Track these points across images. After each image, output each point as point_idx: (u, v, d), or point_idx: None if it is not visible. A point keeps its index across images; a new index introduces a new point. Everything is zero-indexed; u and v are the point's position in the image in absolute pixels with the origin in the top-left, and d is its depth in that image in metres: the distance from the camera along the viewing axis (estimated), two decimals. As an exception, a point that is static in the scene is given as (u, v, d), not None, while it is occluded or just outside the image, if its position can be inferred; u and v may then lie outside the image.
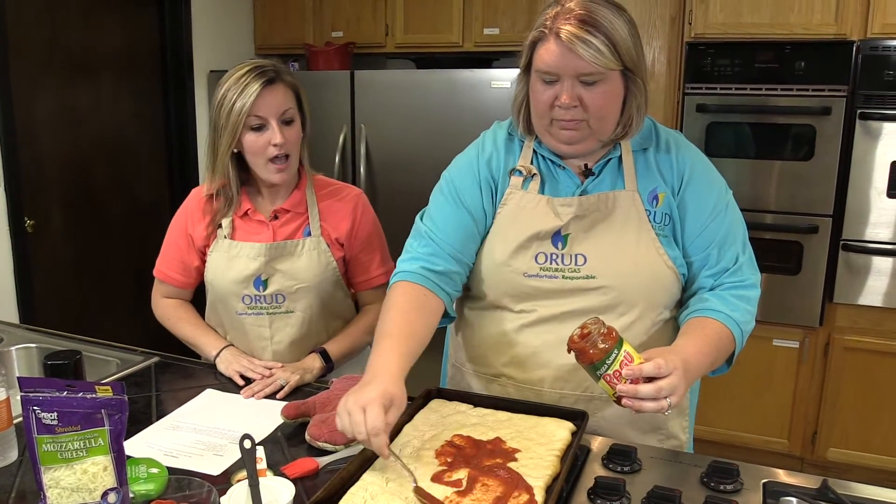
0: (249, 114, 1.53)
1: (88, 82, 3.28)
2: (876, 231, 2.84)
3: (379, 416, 1.08)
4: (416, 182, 3.28)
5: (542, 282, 1.37)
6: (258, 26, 3.98)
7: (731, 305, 1.34)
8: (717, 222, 1.37)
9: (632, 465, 1.21)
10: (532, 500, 1.03)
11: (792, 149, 2.89)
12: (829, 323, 2.98)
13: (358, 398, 1.11)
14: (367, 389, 1.13)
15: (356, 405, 1.10)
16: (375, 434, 1.08)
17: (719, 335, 1.31)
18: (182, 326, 1.72)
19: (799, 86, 2.83)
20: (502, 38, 3.49)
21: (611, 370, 1.14)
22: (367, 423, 1.08)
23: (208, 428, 1.40)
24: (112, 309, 3.49)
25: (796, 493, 1.12)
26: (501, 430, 1.24)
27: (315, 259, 1.63)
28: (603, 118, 1.31)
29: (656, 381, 1.13)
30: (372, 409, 1.09)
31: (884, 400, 2.93)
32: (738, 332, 1.34)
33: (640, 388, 1.12)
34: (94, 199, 3.36)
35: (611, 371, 1.14)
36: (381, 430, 1.08)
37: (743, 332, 1.35)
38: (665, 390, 1.12)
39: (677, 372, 1.14)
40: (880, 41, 2.72)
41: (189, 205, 1.70)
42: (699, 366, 1.26)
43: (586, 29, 1.23)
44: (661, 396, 1.12)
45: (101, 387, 1.04)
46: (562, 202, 1.37)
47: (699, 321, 1.34)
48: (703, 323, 1.33)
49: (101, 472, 1.05)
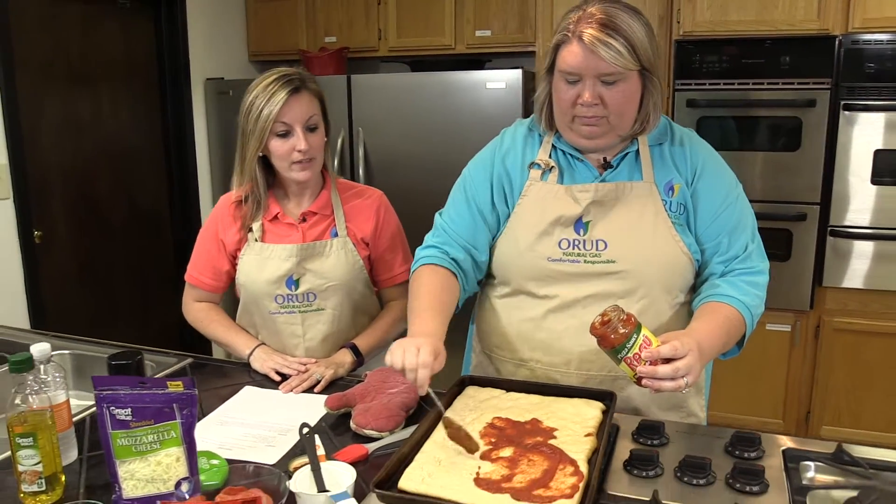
0: (276, 120, 1.61)
1: (89, 92, 3.32)
2: (861, 216, 2.97)
3: (429, 355, 1.24)
4: (415, 183, 3.37)
5: (564, 266, 1.46)
6: (251, 33, 4.03)
7: (742, 290, 1.44)
8: (728, 212, 1.46)
9: (660, 438, 1.30)
10: (577, 471, 1.12)
11: (779, 140, 3.01)
12: (818, 306, 3.11)
13: (411, 341, 1.27)
14: (418, 339, 1.28)
15: (411, 344, 1.26)
16: (424, 366, 1.23)
17: (730, 318, 1.41)
18: (215, 328, 1.79)
19: (784, 80, 2.95)
20: (494, 39, 3.58)
21: (631, 353, 1.22)
22: (419, 357, 1.23)
23: (255, 422, 1.47)
24: (118, 314, 3.54)
25: (815, 458, 1.22)
26: (536, 412, 1.33)
27: (343, 258, 1.71)
28: (622, 115, 1.40)
29: (673, 363, 1.21)
30: (425, 348, 1.25)
31: (872, 378, 3.06)
32: (748, 316, 1.43)
33: (659, 369, 1.21)
34: (98, 208, 3.41)
35: (631, 354, 1.23)
36: (428, 364, 1.23)
37: (753, 316, 1.45)
38: (682, 370, 1.21)
39: (693, 353, 1.23)
40: (861, 35, 2.84)
41: (219, 211, 1.77)
42: (712, 347, 1.35)
43: (607, 32, 1.32)
44: (679, 376, 1.21)
45: (173, 382, 1.12)
46: (580, 188, 1.46)
47: (712, 306, 1.43)
48: (716, 307, 1.42)
49: (174, 462, 1.13)
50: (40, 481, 1.17)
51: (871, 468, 1.19)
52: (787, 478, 1.18)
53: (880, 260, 2.98)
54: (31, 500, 1.18)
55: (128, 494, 1.13)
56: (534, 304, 1.51)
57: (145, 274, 3.71)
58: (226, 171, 3.85)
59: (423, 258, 1.54)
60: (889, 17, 2.82)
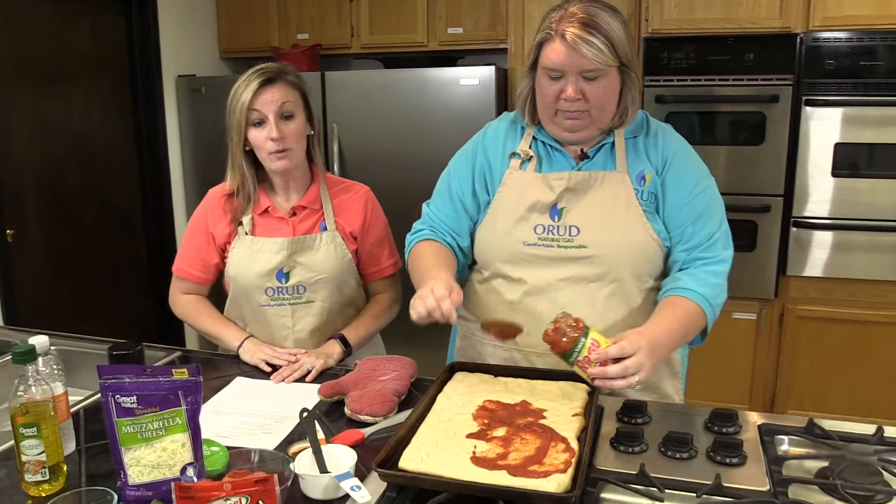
0: (249, 108, 1.64)
1: (60, 90, 3.29)
2: (822, 207, 3.09)
3: (444, 289, 1.33)
4: (390, 179, 3.40)
5: (539, 250, 1.53)
6: (223, 30, 4.02)
7: (701, 281, 1.49)
8: (695, 202, 1.52)
9: (643, 417, 1.37)
10: (569, 447, 1.18)
11: (744, 134, 3.11)
12: (783, 295, 3.23)
13: (422, 289, 1.36)
14: (428, 282, 1.37)
15: (424, 291, 1.35)
16: (443, 299, 1.32)
17: (689, 311, 1.46)
18: (203, 320, 1.81)
19: (749, 76, 3.06)
20: (466, 36, 3.62)
21: (581, 356, 1.29)
22: (434, 294, 1.32)
23: (249, 411, 1.50)
24: (92, 312, 3.52)
25: (788, 431, 1.30)
26: (525, 395, 1.39)
27: (332, 252, 1.75)
28: (603, 108, 1.47)
29: (622, 361, 1.27)
30: (437, 285, 1.34)
31: (834, 363, 3.19)
32: (707, 307, 1.48)
33: (608, 369, 1.28)
34: (70, 207, 3.38)
35: (581, 357, 1.29)
36: (446, 297, 1.32)
37: (713, 306, 1.50)
38: (631, 368, 1.27)
39: (642, 350, 1.29)
40: (821, 33, 2.96)
41: (208, 204, 1.79)
42: (668, 342, 1.40)
43: (588, 31, 1.39)
44: (629, 374, 1.27)
45: (178, 370, 1.15)
46: (555, 176, 1.54)
47: (671, 300, 1.49)
48: (674, 301, 1.48)
49: (180, 448, 1.16)
50: (44, 471, 1.19)
51: (840, 440, 1.27)
52: (764, 450, 1.25)
53: (840, 249, 3.10)
54: (34, 490, 1.20)
55: (133, 481, 1.15)
56: (510, 287, 1.58)
57: (119, 272, 3.69)
58: (199, 168, 3.84)
59: (418, 237, 1.62)
60: (847, 15, 2.94)
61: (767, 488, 1.13)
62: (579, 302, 1.52)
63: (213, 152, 3.76)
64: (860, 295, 3.13)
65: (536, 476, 1.10)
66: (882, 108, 2.94)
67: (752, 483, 1.14)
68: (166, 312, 3.82)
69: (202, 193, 1.83)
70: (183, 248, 1.83)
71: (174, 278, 1.85)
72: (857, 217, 3.06)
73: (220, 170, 1.78)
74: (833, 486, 1.12)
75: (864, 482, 1.13)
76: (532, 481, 1.08)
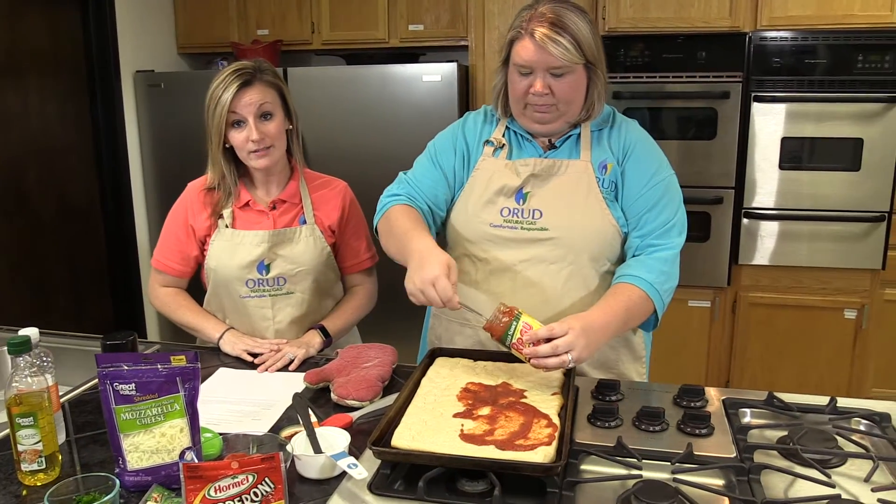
0: (229, 111, 1.68)
1: (15, 85, 3.24)
2: (770, 199, 3.24)
3: (447, 286, 1.34)
4: (353, 174, 3.36)
5: (504, 231, 1.61)
6: (180, 25, 3.99)
7: (647, 267, 1.56)
8: (651, 192, 1.60)
9: (617, 394, 1.45)
10: (551, 423, 1.25)
11: (697, 129, 3.24)
12: (735, 283, 3.37)
13: (424, 277, 1.36)
14: (428, 267, 1.37)
15: (426, 283, 1.35)
16: (448, 300, 1.35)
17: (630, 297, 1.53)
18: (183, 313, 1.83)
19: (701, 73, 3.19)
20: (426, 33, 3.67)
21: (514, 339, 1.37)
22: (439, 294, 1.34)
23: (236, 399, 1.54)
24: (51, 309, 3.47)
25: (750, 404, 1.39)
26: (505, 377, 1.45)
27: (311, 245, 1.79)
28: (570, 102, 1.55)
29: (553, 341, 1.34)
30: (440, 281, 1.34)
31: (783, 346, 3.36)
32: (652, 292, 1.55)
33: (539, 348, 1.35)
34: (27, 203, 3.33)
35: (515, 339, 1.37)
36: (451, 296, 1.35)
37: (659, 292, 1.56)
38: (562, 347, 1.34)
39: (573, 331, 1.35)
40: (768, 32, 3.11)
41: (188, 197, 1.81)
42: (607, 325, 1.45)
43: (556, 30, 1.46)
44: (561, 353, 1.34)
45: (176, 357, 1.18)
46: (522, 162, 1.62)
47: (617, 287, 1.56)
48: (619, 288, 1.55)
49: (178, 433, 1.19)
50: (40, 460, 1.21)
51: (798, 411, 1.37)
52: (729, 421, 1.34)
53: (786, 238, 3.26)
54: (29, 479, 1.22)
55: (132, 466, 1.18)
56: (477, 266, 1.65)
57: (78, 268, 3.64)
58: (158, 163, 3.80)
59: (392, 200, 1.65)
60: (792, 16, 3.09)
61: (734, 455, 1.22)
62: (540, 283, 1.60)
63: (172, 148, 3.74)
64: (806, 282, 3.30)
65: (523, 449, 1.17)
66: (822, 105, 3.11)
67: (721, 451, 1.24)
68: (128, 309, 3.82)
69: (163, 189, 1.86)
70: (162, 240, 1.84)
71: (153, 271, 1.86)
72: (801, 208, 3.22)
73: (179, 165, 1.81)
74: (793, 451, 1.21)
75: (821, 447, 1.23)
76: (520, 454, 1.15)
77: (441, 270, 1.35)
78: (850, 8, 3.04)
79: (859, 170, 3.13)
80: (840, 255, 3.23)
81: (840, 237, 3.21)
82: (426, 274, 1.36)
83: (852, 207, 3.18)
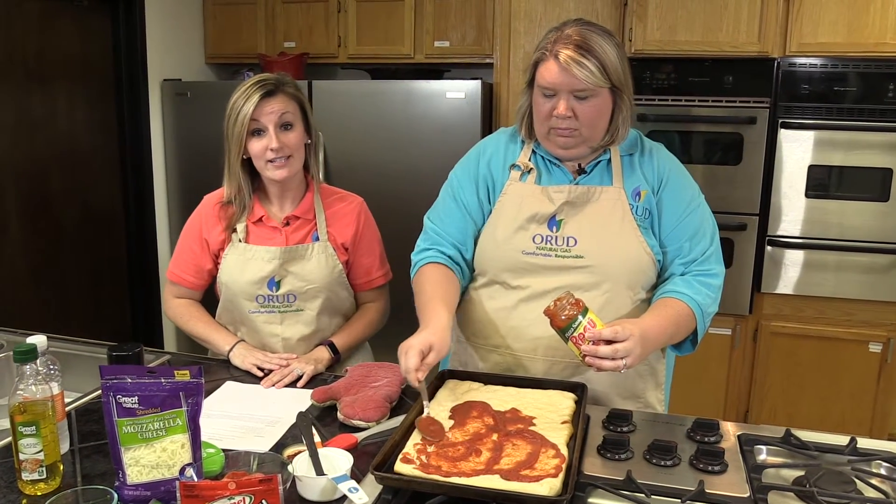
0: (250, 119, 1.67)
1: (44, 91, 3.28)
2: (796, 227, 3.18)
3: (413, 360, 1.35)
4: (374, 188, 3.41)
5: (537, 259, 1.58)
6: (208, 35, 4.03)
7: (694, 289, 1.57)
8: (690, 219, 1.60)
9: (629, 425, 1.41)
10: (559, 453, 1.22)
11: (722, 154, 3.20)
12: (757, 311, 3.31)
13: (405, 344, 1.39)
14: (413, 338, 1.40)
15: (403, 348, 1.38)
16: (407, 372, 1.36)
17: (679, 313, 1.54)
18: (195, 324, 1.83)
19: (727, 97, 3.14)
20: (452, 50, 3.68)
21: (576, 333, 1.36)
22: (403, 364, 1.36)
23: (241, 414, 1.52)
24: (71, 315, 3.50)
25: (766, 441, 1.35)
26: (514, 403, 1.43)
27: (323, 262, 1.78)
28: (593, 127, 1.53)
29: (614, 344, 1.35)
30: (410, 354, 1.36)
31: (805, 378, 3.28)
32: (697, 311, 1.56)
33: (599, 348, 1.35)
34: (51, 209, 3.37)
35: (576, 334, 1.36)
36: (411, 369, 1.35)
37: (703, 313, 1.57)
38: (621, 352, 1.34)
39: (633, 338, 1.36)
40: (797, 58, 3.06)
41: (203, 210, 1.81)
42: (658, 336, 1.48)
43: (581, 53, 1.44)
44: (618, 357, 1.35)
45: (180, 371, 1.17)
46: (555, 189, 1.59)
47: (665, 300, 1.57)
48: (667, 302, 1.56)
49: (179, 449, 1.18)
50: (41, 469, 1.20)
51: (815, 450, 1.33)
52: (743, 459, 1.30)
53: (811, 268, 3.20)
54: (30, 489, 1.21)
55: (132, 480, 1.17)
56: (507, 294, 1.62)
57: (99, 275, 3.67)
58: (182, 172, 3.83)
59: (422, 259, 1.64)
60: (821, 42, 3.04)
61: (748, 495, 1.18)
62: None
63: (197, 157, 3.77)
64: (830, 312, 3.22)
65: (529, 480, 1.14)
66: (851, 133, 3.05)
67: (734, 490, 1.19)
68: (146, 316, 3.84)
69: (185, 198, 1.86)
70: (177, 253, 1.84)
71: (168, 283, 1.87)
72: (827, 237, 3.15)
73: (203, 174, 1.82)
74: (809, 493, 1.17)
75: (839, 490, 1.19)
76: (525, 485, 1.12)
77: (420, 346, 1.37)
78: (882, 36, 2.99)
79: (888, 200, 3.07)
80: (866, 286, 3.15)
81: (866, 268, 3.13)
82: (408, 341, 1.39)
83: (880, 238, 3.11)
